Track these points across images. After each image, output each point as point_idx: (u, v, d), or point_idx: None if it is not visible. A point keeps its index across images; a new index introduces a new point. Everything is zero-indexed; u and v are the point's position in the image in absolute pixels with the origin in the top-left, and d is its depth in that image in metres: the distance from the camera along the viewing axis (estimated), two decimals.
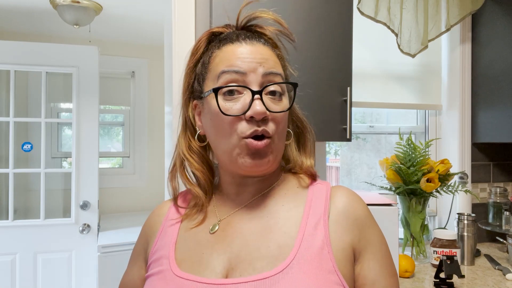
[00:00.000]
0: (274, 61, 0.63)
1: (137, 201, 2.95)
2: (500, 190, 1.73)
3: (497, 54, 1.63)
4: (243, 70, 0.59)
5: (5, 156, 2.26)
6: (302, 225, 0.59)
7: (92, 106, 2.26)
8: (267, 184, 0.66)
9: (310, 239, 0.57)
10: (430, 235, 1.74)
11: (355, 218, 0.61)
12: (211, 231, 0.63)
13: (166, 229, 0.67)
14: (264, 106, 0.58)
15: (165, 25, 1.59)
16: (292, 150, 0.69)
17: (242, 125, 0.58)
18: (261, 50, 0.62)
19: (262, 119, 0.58)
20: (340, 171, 4.31)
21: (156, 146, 2.98)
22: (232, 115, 0.58)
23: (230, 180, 0.66)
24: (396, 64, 1.76)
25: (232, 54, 0.61)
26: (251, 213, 0.63)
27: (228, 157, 0.61)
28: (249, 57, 0.60)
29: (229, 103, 0.59)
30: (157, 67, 2.97)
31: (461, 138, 1.76)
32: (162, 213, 0.72)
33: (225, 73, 0.60)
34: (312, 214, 0.61)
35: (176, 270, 0.59)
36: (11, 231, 2.14)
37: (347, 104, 1.27)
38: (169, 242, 0.64)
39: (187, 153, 0.67)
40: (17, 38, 2.54)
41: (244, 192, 0.66)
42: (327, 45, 1.26)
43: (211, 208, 0.67)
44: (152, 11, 2.24)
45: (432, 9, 1.64)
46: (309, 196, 0.64)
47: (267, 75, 0.60)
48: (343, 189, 0.66)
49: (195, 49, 0.67)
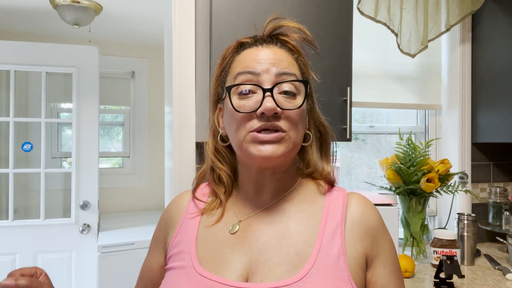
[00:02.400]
0: (288, 62, 0.64)
1: (137, 201, 2.95)
2: (500, 190, 1.73)
3: (497, 54, 1.63)
4: (257, 71, 0.62)
5: (5, 156, 2.25)
6: (319, 233, 0.61)
7: (92, 106, 2.26)
8: (285, 187, 0.68)
9: (327, 248, 0.60)
10: (430, 235, 1.74)
11: (369, 227, 0.64)
12: (231, 231, 0.64)
13: (187, 221, 0.69)
14: (275, 103, 0.59)
15: (165, 25, 1.59)
16: (312, 153, 0.70)
17: (253, 121, 0.60)
18: (276, 52, 0.64)
19: (274, 116, 0.60)
20: (340, 171, 4.32)
21: (156, 146, 2.98)
22: (244, 112, 0.60)
23: (248, 178, 0.67)
24: (396, 64, 1.76)
25: (248, 57, 0.64)
26: (270, 217, 0.65)
27: (241, 150, 0.62)
28: (263, 58, 0.63)
29: (243, 101, 0.61)
30: (157, 67, 2.97)
31: (461, 138, 1.76)
32: (183, 205, 0.73)
33: (240, 74, 0.63)
34: (330, 222, 0.63)
35: (198, 267, 0.61)
36: (11, 231, 2.14)
37: (347, 104, 1.27)
38: (190, 237, 0.66)
39: (212, 154, 0.69)
40: (17, 38, 2.54)
41: (263, 193, 0.67)
42: (327, 45, 1.26)
43: (230, 206, 0.69)
44: (152, 11, 2.24)
45: (432, 9, 1.64)
46: (326, 203, 0.66)
47: (280, 75, 0.62)
48: (358, 197, 0.67)
49: (222, 57, 0.70)
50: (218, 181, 0.70)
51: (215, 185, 0.70)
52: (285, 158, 0.62)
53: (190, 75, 1.29)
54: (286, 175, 0.67)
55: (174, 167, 1.27)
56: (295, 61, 0.66)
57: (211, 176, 0.71)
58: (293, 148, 0.63)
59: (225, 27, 1.15)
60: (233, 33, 1.15)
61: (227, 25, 1.16)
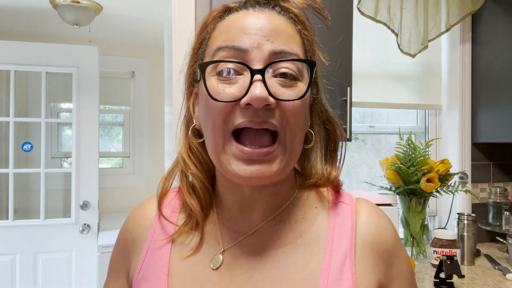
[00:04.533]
0: (289, 35, 0.47)
1: (137, 201, 2.89)
2: (500, 190, 1.73)
3: (497, 54, 1.63)
4: (244, 46, 0.44)
5: (5, 156, 2.25)
6: (324, 268, 0.48)
7: (92, 106, 2.26)
8: (279, 202, 0.52)
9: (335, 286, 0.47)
10: (430, 235, 1.74)
11: (383, 250, 0.51)
12: (213, 267, 0.49)
13: (153, 251, 0.53)
14: (267, 90, 0.43)
15: (165, 25, 1.59)
16: (316, 158, 0.53)
17: (235, 115, 0.44)
18: (274, 20, 0.46)
19: (265, 108, 0.43)
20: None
21: (156, 146, 2.98)
22: (222, 101, 0.44)
23: (232, 191, 0.51)
24: (396, 64, 1.76)
25: (234, 24, 0.46)
26: (262, 245, 0.50)
27: (217, 162, 0.47)
28: (254, 28, 0.45)
29: (223, 86, 0.44)
30: (157, 67, 2.97)
31: (461, 138, 1.76)
32: (147, 224, 0.56)
33: (221, 49, 0.46)
34: (336, 250, 0.49)
35: None
36: (11, 231, 2.14)
37: (347, 104, 1.26)
38: (160, 273, 0.50)
39: (186, 154, 0.53)
40: (17, 38, 2.53)
41: (252, 211, 0.51)
42: (327, 45, 1.25)
43: (210, 228, 0.53)
44: (152, 11, 2.24)
45: (432, 9, 1.64)
46: (331, 223, 0.51)
47: (276, 54, 0.45)
48: (368, 210, 0.54)
49: (202, 24, 0.52)
50: (192, 192, 0.53)
51: (189, 197, 0.53)
52: (279, 176, 0.47)
53: None
54: (283, 187, 0.52)
55: None
56: (298, 35, 0.49)
57: (183, 183, 0.54)
58: (290, 161, 0.47)
59: None
60: None
61: None
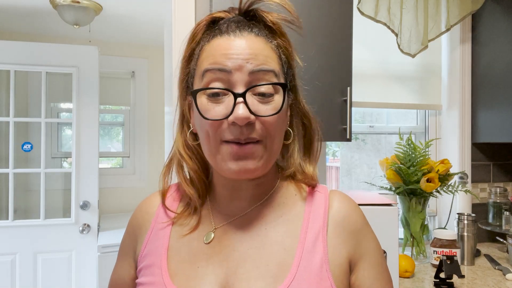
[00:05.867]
0: (265, 55, 0.56)
1: (137, 201, 2.92)
2: (500, 190, 1.73)
3: (497, 54, 1.63)
4: (228, 68, 0.54)
5: (5, 156, 2.25)
6: (300, 240, 0.57)
7: (92, 106, 2.26)
8: (264, 191, 0.63)
9: (309, 256, 0.56)
10: (430, 235, 1.74)
11: (352, 229, 0.60)
12: (205, 241, 0.59)
13: (156, 232, 0.63)
14: (249, 109, 0.53)
15: (165, 25, 1.59)
16: (294, 151, 0.63)
17: (224, 129, 0.54)
18: (252, 44, 0.56)
19: (247, 124, 0.53)
20: (340, 171, 4.29)
21: (156, 146, 2.98)
22: (212, 119, 0.54)
23: (223, 182, 0.62)
24: (396, 64, 1.76)
25: (218, 49, 0.56)
26: (248, 224, 0.60)
27: (213, 162, 0.57)
28: (235, 52, 0.54)
29: (212, 105, 0.55)
30: (157, 67, 2.97)
31: (461, 138, 1.76)
32: (151, 211, 0.66)
33: (208, 71, 0.55)
34: (311, 227, 0.59)
35: (169, 284, 0.56)
36: (11, 231, 2.14)
37: (347, 104, 1.27)
38: (161, 248, 0.60)
39: (183, 150, 0.63)
40: (17, 38, 2.54)
41: (240, 199, 0.62)
42: (327, 45, 1.26)
43: (205, 212, 0.63)
44: (152, 11, 2.24)
45: (432, 9, 1.64)
46: (307, 207, 0.61)
47: (255, 73, 0.54)
48: (340, 197, 0.63)
49: (192, 35, 0.61)
50: (190, 182, 0.63)
51: (187, 187, 0.63)
52: (262, 171, 0.57)
53: None
54: (265, 178, 0.62)
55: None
56: (273, 52, 0.58)
57: (180, 175, 0.64)
58: (270, 158, 0.57)
59: None
60: None
61: None
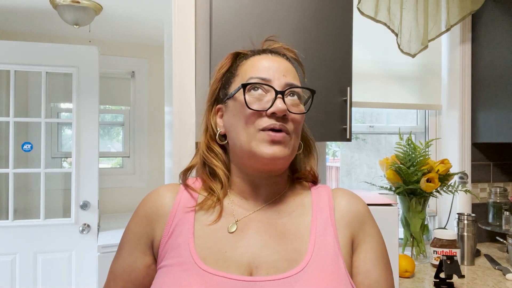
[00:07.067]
0: (294, 74, 0.69)
1: (137, 201, 2.89)
2: (500, 190, 1.73)
3: (497, 54, 1.63)
4: (268, 77, 0.66)
5: (5, 156, 2.25)
6: (312, 229, 0.66)
7: (92, 106, 2.26)
8: (277, 190, 0.71)
9: (322, 239, 0.64)
10: (430, 235, 1.74)
11: (356, 213, 0.69)
12: (229, 231, 0.65)
13: (182, 214, 0.67)
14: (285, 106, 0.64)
15: (165, 25, 1.58)
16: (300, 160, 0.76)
17: (263, 120, 0.64)
18: (285, 64, 0.69)
19: (282, 117, 0.64)
20: (340, 171, 4.28)
21: (156, 146, 2.98)
22: (255, 109, 0.64)
23: (243, 179, 0.70)
24: (396, 64, 1.76)
25: (259, 63, 0.68)
26: (267, 217, 0.67)
27: (247, 148, 0.64)
28: (274, 67, 0.67)
29: (254, 99, 0.65)
30: (157, 67, 2.97)
31: (461, 138, 1.76)
32: (171, 196, 0.70)
33: (252, 78, 0.66)
34: (320, 216, 0.68)
35: (201, 263, 0.60)
36: (11, 231, 2.14)
37: (347, 104, 1.27)
38: (186, 232, 0.64)
39: (207, 152, 0.72)
40: (17, 38, 2.54)
41: (258, 194, 0.70)
42: (327, 45, 1.26)
43: (226, 205, 0.69)
44: (152, 11, 2.24)
45: (432, 9, 1.64)
46: (314, 200, 0.71)
47: (288, 84, 0.66)
48: (343, 190, 0.73)
49: (220, 65, 0.73)
50: (212, 178, 0.71)
51: (211, 181, 0.70)
52: (288, 160, 0.67)
53: (190, 75, 1.29)
54: (281, 178, 0.71)
55: (174, 167, 1.27)
56: (297, 73, 0.71)
57: (203, 171, 0.72)
58: (293, 152, 0.67)
59: (225, 27, 1.15)
60: (233, 33, 1.15)
61: (227, 25, 1.16)
